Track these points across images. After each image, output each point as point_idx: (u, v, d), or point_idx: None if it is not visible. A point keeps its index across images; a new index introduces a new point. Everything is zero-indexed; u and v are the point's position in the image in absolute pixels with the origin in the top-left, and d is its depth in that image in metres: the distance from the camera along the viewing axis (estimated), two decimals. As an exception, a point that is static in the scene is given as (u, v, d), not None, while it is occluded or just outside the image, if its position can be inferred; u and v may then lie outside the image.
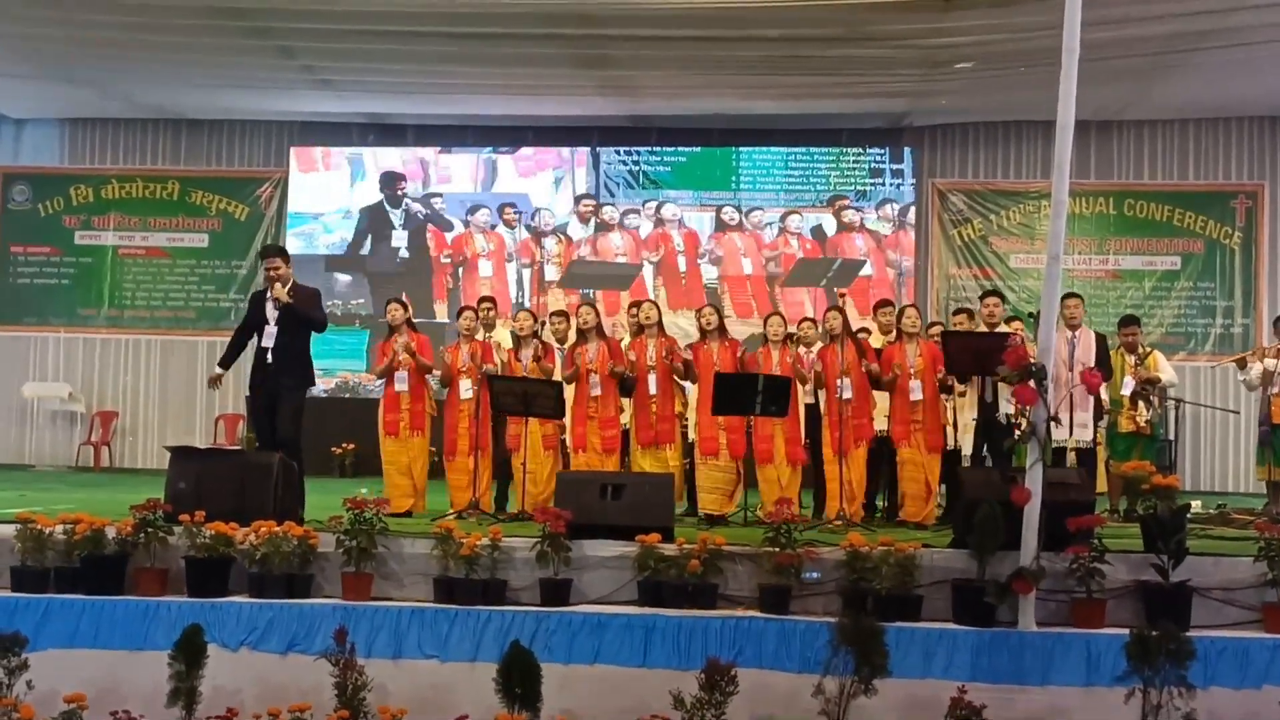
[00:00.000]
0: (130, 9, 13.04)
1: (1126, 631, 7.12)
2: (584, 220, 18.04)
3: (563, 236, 18.02)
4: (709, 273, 17.81)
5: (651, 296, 16.58)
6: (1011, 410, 9.84)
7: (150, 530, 8.36)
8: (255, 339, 10.08)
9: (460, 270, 18.16)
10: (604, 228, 17.98)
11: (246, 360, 10.37)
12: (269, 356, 9.87)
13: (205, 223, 18.69)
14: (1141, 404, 11.48)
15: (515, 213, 18.07)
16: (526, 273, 18.01)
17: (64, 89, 16.86)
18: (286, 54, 14.95)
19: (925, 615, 7.86)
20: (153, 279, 18.70)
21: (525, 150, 18.27)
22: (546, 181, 18.26)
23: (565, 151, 18.24)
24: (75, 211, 18.82)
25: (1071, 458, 10.70)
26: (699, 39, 13.87)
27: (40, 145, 18.99)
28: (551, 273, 17.92)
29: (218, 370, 10.31)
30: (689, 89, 16.05)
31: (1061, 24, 7.77)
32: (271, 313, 9.90)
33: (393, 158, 18.53)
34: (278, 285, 9.91)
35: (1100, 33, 11.35)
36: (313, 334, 10.20)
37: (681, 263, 17.86)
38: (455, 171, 18.46)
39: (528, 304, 17.00)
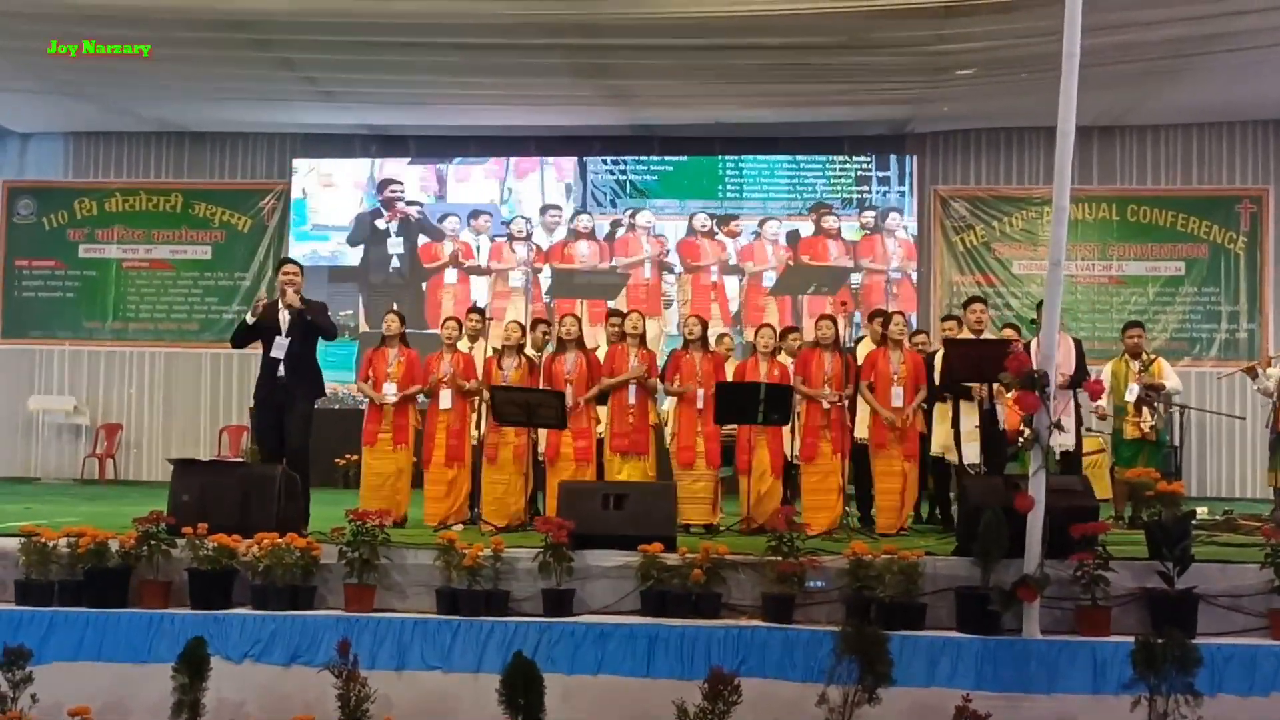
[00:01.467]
0: (133, 24, 13.04)
1: (1132, 639, 7.08)
2: (549, 230, 18.02)
3: (533, 245, 18.00)
4: (670, 280, 17.80)
5: (611, 304, 16.72)
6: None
7: (153, 543, 8.39)
8: (263, 349, 10.01)
9: (425, 279, 18.20)
10: (574, 236, 17.97)
11: (250, 370, 10.33)
12: (279, 367, 9.81)
13: (208, 235, 18.69)
14: (1146, 410, 11.45)
15: (488, 220, 18.08)
16: (485, 281, 17.98)
17: (68, 103, 16.88)
18: (288, 66, 14.95)
19: (929, 623, 7.87)
20: (156, 291, 18.70)
21: (494, 160, 18.30)
22: (520, 189, 18.26)
23: (535, 160, 18.26)
24: (79, 225, 18.84)
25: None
26: (700, 48, 13.86)
27: (44, 159, 19.02)
28: (517, 279, 17.89)
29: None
30: (691, 98, 16.05)
31: (1062, 30, 7.78)
32: (284, 322, 9.87)
33: (360, 169, 18.53)
34: (290, 291, 9.87)
35: (1102, 38, 11.36)
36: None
37: (646, 268, 17.83)
38: (411, 182, 18.50)
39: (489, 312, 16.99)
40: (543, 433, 10.68)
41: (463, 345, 11.29)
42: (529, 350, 11.45)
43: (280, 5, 12.79)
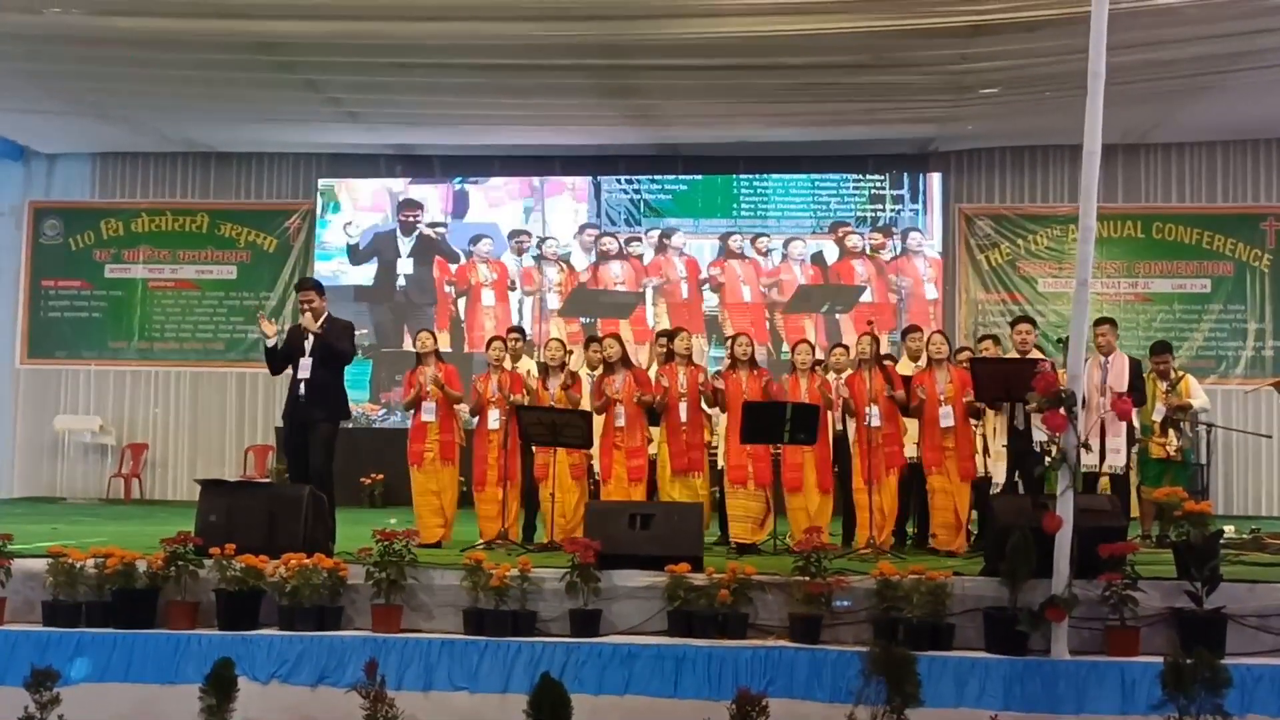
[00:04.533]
0: (160, 45, 13.12)
1: (1161, 659, 7.03)
2: (586, 249, 18.09)
3: (565, 265, 18.06)
4: (709, 300, 17.83)
5: (652, 323, 16.81)
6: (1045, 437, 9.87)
7: (181, 564, 8.40)
8: (291, 370, 10.10)
9: (463, 300, 18.22)
10: (605, 256, 18.01)
11: (275, 390, 10.37)
12: (303, 388, 9.89)
13: (234, 255, 18.79)
14: (1172, 432, 11.39)
15: (528, 241, 18.14)
16: (529, 301, 18.04)
17: (94, 124, 17.01)
18: (313, 87, 15.05)
19: (957, 644, 7.83)
20: (182, 311, 18.79)
21: (495, 180, 18.39)
22: (517, 211, 18.35)
23: (535, 181, 18.33)
24: (105, 245, 18.95)
25: (1104, 483, 10.64)
26: (725, 68, 13.91)
27: (71, 180, 19.14)
28: (553, 301, 17.94)
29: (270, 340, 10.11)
30: (715, 118, 16.09)
31: (1087, 48, 7.76)
32: (307, 344, 9.94)
33: (364, 190, 18.64)
34: (308, 315, 9.97)
35: (1127, 56, 11.33)
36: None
37: (683, 289, 17.87)
38: (427, 202, 18.56)
39: (530, 333, 17.01)
40: (595, 452, 10.75)
41: (507, 365, 11.30)
42: (584, 369, 11.47)
43: (306, 27, 12.86)
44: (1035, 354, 10.71)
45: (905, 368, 11.36)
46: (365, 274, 18.46)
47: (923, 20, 12.28)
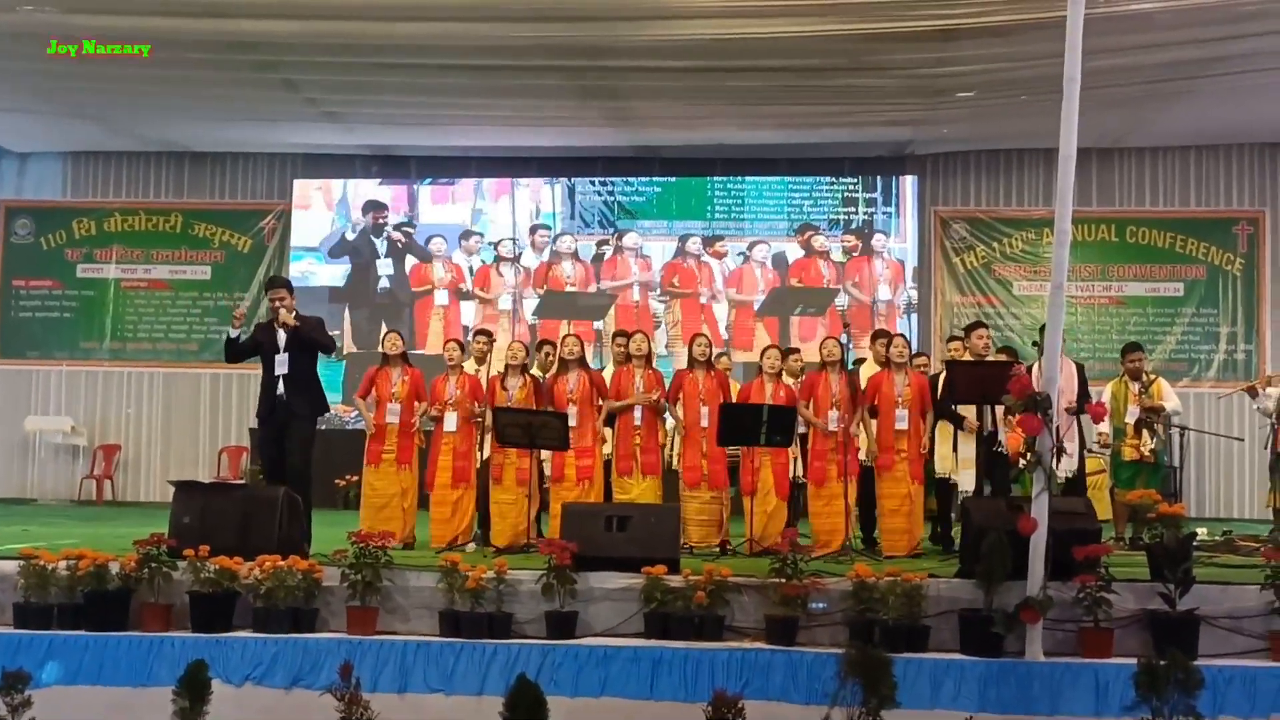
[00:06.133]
0: (136, 44, 13.05)
1: (1134, 661, 7.06)
2: (538, 250, 18.04)
3: (520, 269, 18.00)
4: (660, 301, 17.84)
5: (598, 324, 16.99)
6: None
7: (154, 565, 8.36)
8: (262, 369, 10.10)
9: (414, 300, 18.19)
10: (558, 256, 17.96)
11: (249, 390, 10.35)
12: (280, 385, 9.87)
13: (208, 255, 18.67)
14: (1145, 432, 11.45)
15: (479, 241, 18.11)
16: (474, 303, 17.99)
17: (67, 123, 16.91)
18: (290, 87, 14.99)
19: (932, 646, 7.87)
20: (155, 311, 18.67)
21: (473, 180, 18.32)
22: (507, 211, 18.27)
23: (523, 181, 18.25)
24: (78, 244, 18.81)
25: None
26: (703, 70, 13.91)
27: (43, 179, 18.98)
28: (505, 301, 17.88)
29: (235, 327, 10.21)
30: (693, 120, 16.09)
31: (1062, 53, 7.79)
32: (281, 340, 9.92)
33: (339, 189, 18.59)
34: (283, 311, 9.92)
35: (1102, 61, 11.39)
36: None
37: (635, 291, 17.85)
38: (390, 202, 18.50)
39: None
40: (548, 453, 10.67)
41: (468, 366, 11.24)
42: (534, 371, 11.44)
43: (284, 27, 12.80)
44: (993, 357, 10.79)
45: (871, 370, 11.34)
46: (338, 274, 18.37)
47: (898, 24, 12.31)
